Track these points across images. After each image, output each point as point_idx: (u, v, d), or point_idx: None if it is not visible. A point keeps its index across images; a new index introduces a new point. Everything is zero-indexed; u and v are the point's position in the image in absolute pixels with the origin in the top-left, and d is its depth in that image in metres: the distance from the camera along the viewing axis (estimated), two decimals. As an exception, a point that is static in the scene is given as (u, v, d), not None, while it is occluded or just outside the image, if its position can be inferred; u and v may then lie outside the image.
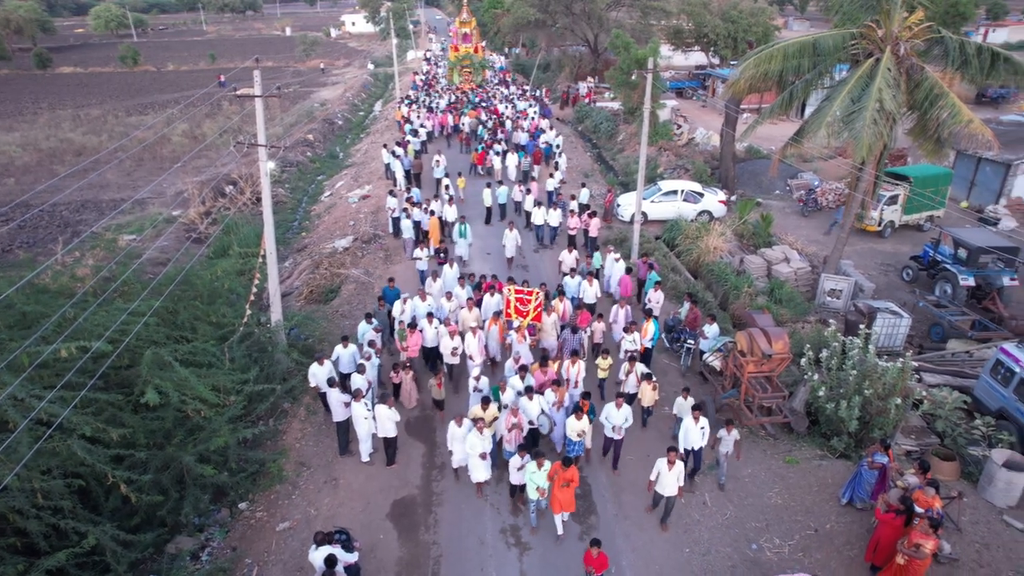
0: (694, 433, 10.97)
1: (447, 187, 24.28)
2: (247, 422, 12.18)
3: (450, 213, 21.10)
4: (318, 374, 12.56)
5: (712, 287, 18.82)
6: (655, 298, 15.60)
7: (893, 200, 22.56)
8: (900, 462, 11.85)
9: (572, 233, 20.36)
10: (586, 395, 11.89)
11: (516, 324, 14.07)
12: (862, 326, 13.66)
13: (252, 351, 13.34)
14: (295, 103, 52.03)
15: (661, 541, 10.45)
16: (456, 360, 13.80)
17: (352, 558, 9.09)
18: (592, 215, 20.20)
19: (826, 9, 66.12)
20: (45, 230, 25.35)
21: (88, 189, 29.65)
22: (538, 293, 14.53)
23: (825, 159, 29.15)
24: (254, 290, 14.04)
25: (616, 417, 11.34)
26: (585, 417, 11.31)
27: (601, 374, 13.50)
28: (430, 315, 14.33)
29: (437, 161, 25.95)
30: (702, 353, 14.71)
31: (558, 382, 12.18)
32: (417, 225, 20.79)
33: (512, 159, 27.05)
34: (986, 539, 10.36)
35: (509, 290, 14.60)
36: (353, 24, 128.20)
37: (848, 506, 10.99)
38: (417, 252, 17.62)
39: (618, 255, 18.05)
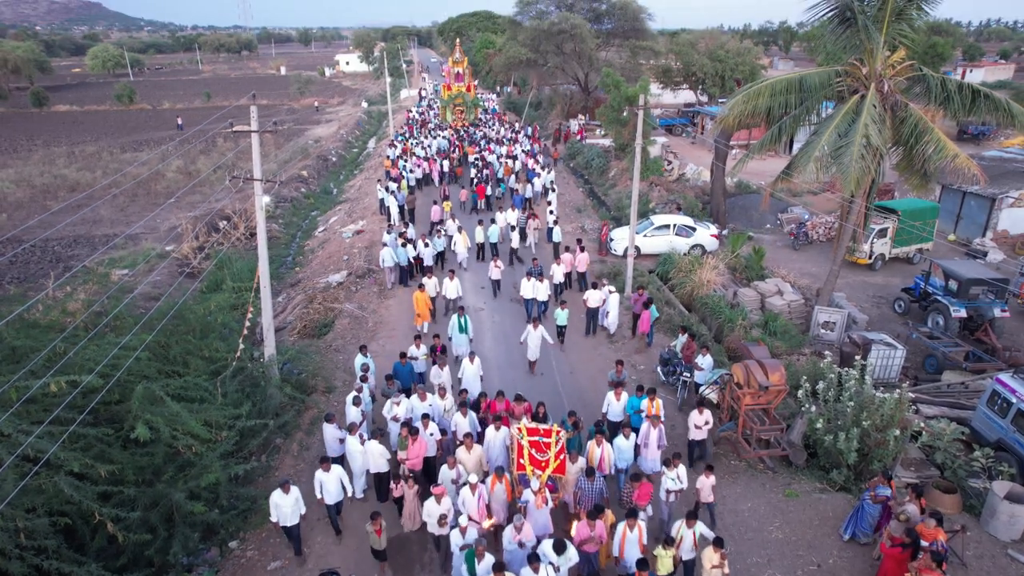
0: None
1: (461, 263, 22.54)
2: (239, 458, 11.94)
3: (451, 289, 18.59)
4: (282, 505, 10.17)
5: (706, 320, 18.87)
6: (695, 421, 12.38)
7: (883, 233, 22.88)
8: (900, 494, 11.74)
9: (567, 271, 20.14)
10: (642, 563, 8.72)
11: (534, 484, 10.27)
12: (857, 357, 13.66)
13: (245, 386, 13.17)
14: (289, 140, 52.55)
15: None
16: (445, 530, 10.07)
17: None
18: (582, 249, 20.30)
19: (810, 50, 68.02)
20: (37, 265, 25.21)
21: (81, 224, 29.62)
22: (559, 432, 10.99)
23: (815, 193, 29.63)
24: (247, 324, 13.94)
25: None
26: None
27: (662, 571, 9.30)
28: (425, 417, 12.10)
29: (439, 231, 23.17)
30: (698, 386, 14.66)
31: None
32: (416, 260, 21.39)
33: (512, 216, 24.59)
34: (991, 574, 10.21)
35: (521, 431, 10.99)
36: (347, 63, 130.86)
37: (851, 542, 10.81)
38: (412, 350, 14.82)
39: (612, 287, 18.14)
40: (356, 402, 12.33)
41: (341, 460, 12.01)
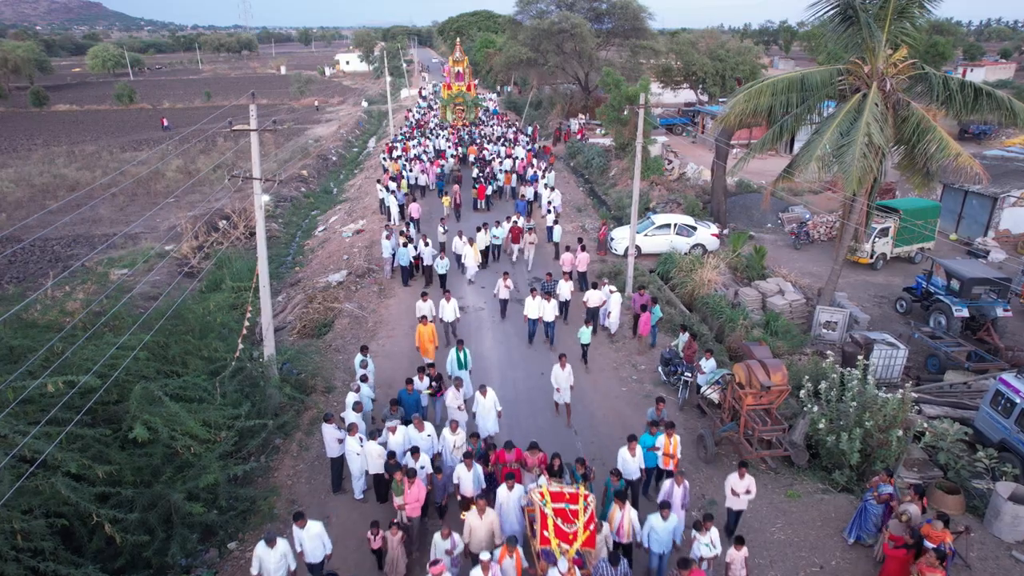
0: None
1: (470, 279, 21.49)
2: (238, 458, 11.87)
3: (448, 311, 17.05)
4: (266, 560, 9.15)
5: (707, 319, 18.79)
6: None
7: (884, 232, 22.82)
8: (901, 494, 11.66)
9: (567, 270, 19.96)
10: None
11: (562, 564, 8.58)
12: (859, 357, 13.59)
13: (244, 386, 13.10)
14: (289, 139, 52.48)
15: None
16: None
17: None
18: (583, 249, 20.20)
19: (811, 49, 67.98)
20: (36, 264, 25.13)
21: (80, 224, 29.56)
22: (587, 497, 9.46)
23: (816, 192, 29.56)
24: (246, 324, 13.87)
25: None
26: None
27: None
28: (416, 451, 10.97)
29: (442, 254, 20.75)
30: (699, 386, 14.59)
31: None
32: (416, 260, 21.39)
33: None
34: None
35: (544, 497, 9.40)
36: (347, 63, 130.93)
37: (856, 545, 10.72)
38: (418, 383, 13.60)
39: (613, 287, 18.06)
40: (357, 407, 12.19)
41: (340, 460, 11.94)
